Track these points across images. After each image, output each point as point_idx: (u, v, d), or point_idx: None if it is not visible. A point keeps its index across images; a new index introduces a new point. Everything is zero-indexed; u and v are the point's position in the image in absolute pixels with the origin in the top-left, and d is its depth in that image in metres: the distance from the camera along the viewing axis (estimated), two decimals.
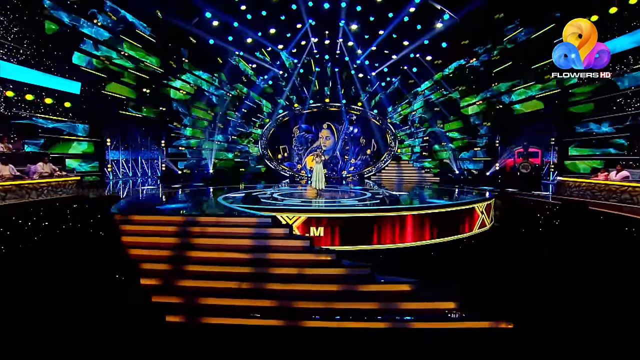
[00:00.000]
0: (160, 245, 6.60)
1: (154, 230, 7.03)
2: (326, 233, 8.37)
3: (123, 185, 14.77)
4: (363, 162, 20.29)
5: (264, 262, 6.28)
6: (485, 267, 7.40)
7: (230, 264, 6.15)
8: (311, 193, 12.25)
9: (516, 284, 6.42)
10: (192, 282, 5.78)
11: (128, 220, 7.32)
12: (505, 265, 7.39)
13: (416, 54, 17.23)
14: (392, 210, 8.62)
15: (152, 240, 6.78)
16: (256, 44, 16.86)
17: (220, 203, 9.25)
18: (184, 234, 6.85)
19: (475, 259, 7.97)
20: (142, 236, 6.90)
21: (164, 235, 6.82)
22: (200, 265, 6.16)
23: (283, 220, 8.26)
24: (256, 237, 6.80)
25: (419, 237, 8.91)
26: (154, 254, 6.43)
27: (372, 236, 8.51)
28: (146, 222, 7.32)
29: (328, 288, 5.69)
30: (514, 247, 8.60)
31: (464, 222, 9.79)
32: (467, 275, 6.88)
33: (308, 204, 9.86)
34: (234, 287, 5.77)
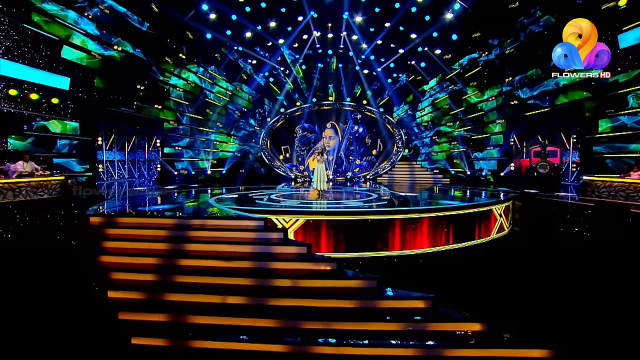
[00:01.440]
0: (138, 252, 5.76)
1: (132, 235, 6.20)
2: (327, 238, 7.48)
3: (115, 186, 14.04)
4: (369, 163, 19.37)
5: (253, 271, 5.41)
6: (509, 278, 6.44)
7: (213, 274, 5.28)
8: (312, 194, 11.38)
9: (550, 300, 5.46)
10: (171, 296, 4.92)
11: (113, 224, 6.51)
12: (534, 276, 6.42)
13: (424, 47, 16.32)
14: (401, 212, 7.70)
15: (128, 245, 5.95)
16: (255, 38, 16.09)
17: (212, 204, 8.41)
18: (160, 240, 6.01)
19: (497, 269, 6.99)
20: (122, 241, 6.09)
21: (140, 240, 5.99)
22: (180, 276, 5.31)
23: (279, 224, 7.39)
24: (246, 243, 5.93)
25: (430, 243, 7.97)
26: (128, 262, 5.60)
27: (378, 242, 7.60)
28: (125, 225, 6.50)
29: (328, 304, 4.80)
30: (540, 254, 7.61)
31: (480, 226, 8.84)
32: (489, 288, 5.93)
33: (307, 205, 8.99)
34: (218, 301, 4.90)
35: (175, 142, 16.38)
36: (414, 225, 7.79)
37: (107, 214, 6.87)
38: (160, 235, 6.13)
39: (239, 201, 8.62)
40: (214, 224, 6.45)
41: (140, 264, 5.49)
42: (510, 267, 6.98)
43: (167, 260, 5.56)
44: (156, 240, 5.99)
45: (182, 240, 6.02)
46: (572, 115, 12.90)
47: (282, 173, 19.16)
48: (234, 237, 6.14)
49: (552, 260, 7.18)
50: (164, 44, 15.19)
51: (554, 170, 13.84)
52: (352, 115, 19.16)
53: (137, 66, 14.28)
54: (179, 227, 6.27)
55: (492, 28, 14.84)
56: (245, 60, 17.45)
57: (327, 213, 7.64)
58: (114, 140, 16.52)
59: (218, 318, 4.55)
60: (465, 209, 8.54)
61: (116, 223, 6.54)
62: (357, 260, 7.38)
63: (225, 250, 5.85)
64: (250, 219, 6.54)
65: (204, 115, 17.05)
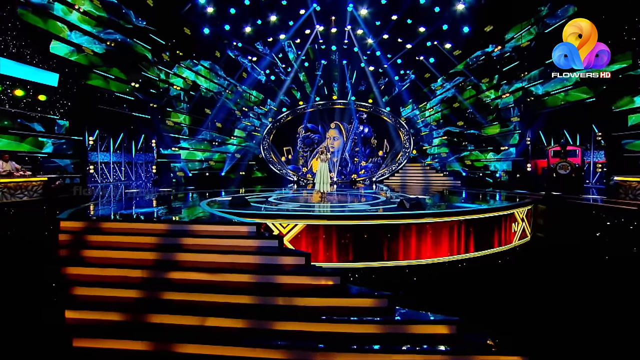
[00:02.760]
0: (106, 262, 4.94)
1: (102, 242, 5.39)
2: (329, 246, 6.61)
3: (110, 189, 13.32)
4: (375, 165, 18.47)
5: (240, 287, 4.55)
6: (543, 295, 5.50)
7: (191, 289, 4.44)
8: (314, 197, 10.53)
9: (597, 322, 4.53)
10: (141, 317, 4.09)
11: (90, 229, 5.72)
12: (572, 293, 5.48)
13: (434, 42, 15.43)
14: (413, 216, 6.81)
15: (98, 254, 5.14)
16: (255, 33, 15.35)
17: (202, 207, 7.59)
18: (134, 247, 5.18)
19: (526, 282, 6.05)
20: (93, 249, 5.29)
21: (107, 248, 5.17)
22: (156, 291, 4.47)
23: (275, 229, 6.55)
24: (235, 252, 5.08)
25: (446, 252, 7.06)
26: (96, 274, 4.78)
27: (388, 250, 6.71)
28: (97, 231, 5.69)
29: (329, 328, 3.92)
30: (575, 266, 6.64)
31: (501, 232, 7.90)
32: (519, 307, 5.00)
33: (308, 209, 8.13)
34: (195, 324, 4.06)
35: (172, 143, 15.66)
36: (428, 232, 6.90)
37: (81, 218, 6.08)
38: (133, 242, 5.31)
39: (233, 204, 7.80)
40: (198, 229, 5.62)
41: (107, 276, 4.67)
42: (542, 281, 6.04)
43: (140, 272, 4.73)
44: (128, 247, 5.17)
45: (161, 249, 5.19)
46: (596, 110, 11.90)
47: (283, 175, 18.35)
48: (221, 246, 5.30)
49: (591, 274, 6.22)
50: (160, 40, 14.53)
51: (575, 171, 12.87)
52: (357, 115, 18.32)
53: (131, 63, 13.62)
54: (154, 233, 5.44)
55: (506, 20, 13.93)
56: (244, 57, 16.72)
57: (329, 217, 6.78)
58: (109, 140, 15.87)
59: (193, 346, 3.70)
60: (485, 212, 7.63)
61: (89, 229, 5.74)
62: (363, 271, 6.50)
63: (209, 261, 5.00)
64: (241, 224, 5.70)
65: (202, 114, 16.32)
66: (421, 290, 5.64)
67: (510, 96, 14.54)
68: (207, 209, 7.22)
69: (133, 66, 13.70)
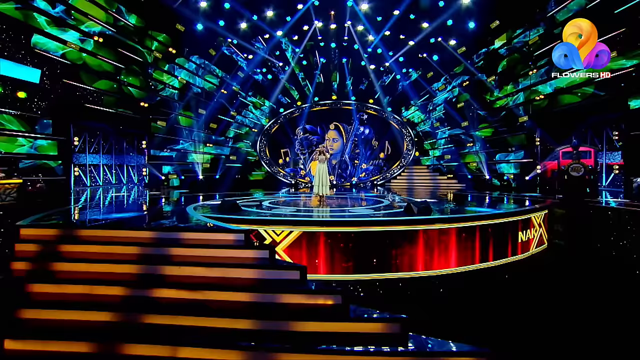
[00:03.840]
0: (60, 277, 4.19)
1: (61, 252, 4.64)
2: (328, 255, 5.87)
3: (100, 193, 12.56)
4: (376, 167, 17.76)
5: (223, 307, 3.80)
6: (571, 316, 4.76)
7: (165, 309, 3.68)
8: (312, 201, 9.80)
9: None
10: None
11: (69, 238, 4.98)
12: (605, 314, 4.74)
13: (438, 38, 14.78)
14: (425, 222, 6.07)
15: (56, 268, 4.39)
16: (251, 29, 14.69)
17: (187, 212, 6.84)
18: (95, 259, 4.43)
19: (554, 298, 5.30)
20: (54, 261, 4.54)
21: (76, 260, 4.42)
22: (124, 314, 3.72)
23: (267, 236, 5.81)
24: (218, 265, 4.34)
25: (459, 261, 6.32)
26: (50, 291, 4.03)
27: (394, 260, 5.97)
28: (61, 239, 4.94)
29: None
30: (605, 281, 5.90)
31: (517, 239, 7.17)
32: (552, 332, 4.26)
33: (305, 213, 7.40)
34: (166, 355, 3.31)
35: (164, 144, 14.94)
36: (442, 239, 6.16)
37: (44, 225, 5.33)
38: (97, 252, 4.57)
39: (222, 208, 7.06)
40: (178, 237, 4.88)
41: (60, 294, 3.92)
42: (571, 298, 5.29)
43: (96, 289, 3.98)
44: (93, 259, 4.42)
45: (124, 260, 4.43)
46: (611, 109, 11.23)
47: (281, 178, 17.62)
48: (202, 257, 4.55)
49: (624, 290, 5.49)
50: (152, 36, 13.88)
51: (589, 173, 12.17)
52: (358, 115, 17.64)
53: (120, 60, 12.95)
54: (119, 242, 4.70)
55: (514, 15, 13.31)
56: (240, 55, 16.05)
57: (328, 223, 6.03)
58: (99, 142, 15.14)
59: None
60: (500, 217, 6.89)
61: (58, 237, 4.99)
62: (367, 284, 5.75)
63: (187, 275, 4.26)
64: (227, 232, 4.96)
65: (196, 114, 15.61)
66: (436, 308, 4.89)
67: (518, 95, 13.88)
68: (192, 214, 6.48)
69: (122, 63, 13.03)
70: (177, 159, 15.38)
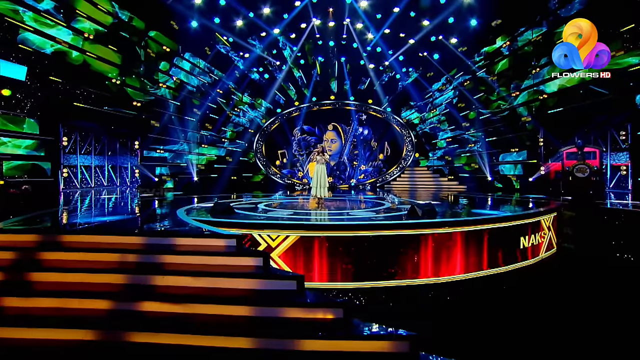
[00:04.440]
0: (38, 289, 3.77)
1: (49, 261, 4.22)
2: (327, 262, 5.47)
3: (81, 194, 12.11)
4: (375, 169, 17.39)
5: (210, 321, 3.39)
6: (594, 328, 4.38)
7: (149, 326, 3.27)
8: (310, 203, 9.40)
9: None
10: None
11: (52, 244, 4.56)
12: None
13: (439, 36, 14.45)
14: (431, 225, 5.69)
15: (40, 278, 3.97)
16: (247, 27, 14.30)
17: (177, 215, 6.42)
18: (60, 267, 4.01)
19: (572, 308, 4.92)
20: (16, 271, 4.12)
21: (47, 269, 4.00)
22: (104, 331, 3.30)
23: (262, 241, 5.41)
24: (205, 275, 3.93)
25: (466, 267, 5.93)
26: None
27: (398, 267, 5.58)
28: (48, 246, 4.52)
29: None
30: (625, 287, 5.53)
31: (527, 243, 6.80)
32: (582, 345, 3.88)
33: (302, 217, 7.00)
34: None
35: (157, 145, 14.50)
36: (449, 244, 5.78)
37: (22, 230, 4.91)
38: (77, 259, 4.15)
39: (215, 211, 6.65)
40: (164, 243, 4.47)
41: (37, 308, 3.49)
42: (592, 308, 4.91)
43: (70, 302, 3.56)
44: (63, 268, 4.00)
45: (101, 269, 4.01)
46: (617, 108, 10.92)
47: (278, 180, 17.22)
48: (191, 265, 4.15)
49: None
50: (145, 34, 13.47)
51: (594, 174, 11.85)
52: (357, 116, 17.28)
53: (112, 57, 12.52)
54: (99, 249, 4.28)
55: (516, 13, 13.01)
56: (236, 53, 15.66)
57: (327, 227, 5.63)
58: (92, 142, 14.69)
59: None
60: (509, 220, 6.52)
61: (28, 244, 4.57)
62: (369, 292, 5.35)
63: (173, 285, 3.85)
64: (218, 237, 4.55)
65: (190, 114, 15.19)
66: (445, 320, 4.49)
67: (520, 94, 13.56)
68: (182, 218, 6.06)
69: (114, 61, 12.60)
70: (170, 159, 14.95)
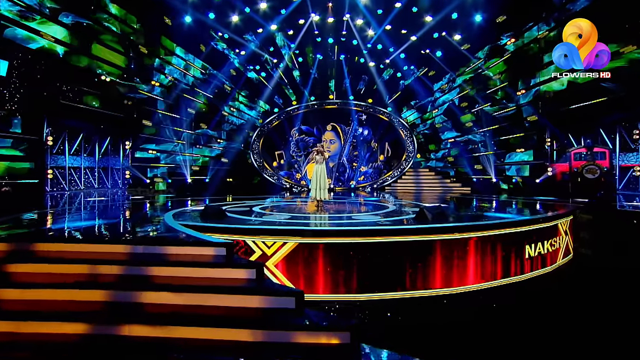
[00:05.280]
0: None
1: None
2: (329, 271, 4.92)
3: (65, 197, 11.51)
4: (375, 171, 16.88)
5: (197, 346, 2.84)
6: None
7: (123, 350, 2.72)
8: (309, 206, 8.84)
9: None
10: None
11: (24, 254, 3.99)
12: None
13: (442, 33, 13.97)
14: (441, 231, 5.16)
15: None
16: (243, 22, 13.77)
17: (164, 220, 5.86)
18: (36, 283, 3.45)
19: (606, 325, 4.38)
20: None
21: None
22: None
23: (256, 249, 4.86)
24: (190, 290, 3.38)
25: (488, 275, 5.42)
26: None
27: (408, 276, 5.04)
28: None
29: None
30: None
31: (544, 249, 6.29)
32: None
33: (301, 221, 6.46)
34: None
35: (149, 145, 13.93)
36: (460, 250, 5.25)
37: None
38: (42, 272, 3.59)
39: (205, 215, 6.10)
40: (146, 252, 3.91)
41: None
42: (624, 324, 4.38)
43: (23, 326, 2.99)
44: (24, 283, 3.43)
45: (60, 285, 3.44)
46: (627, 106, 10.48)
47: (274, 182, 16.68)
48: (174, 277, 3.60)
49: None
50: (136, 29, 12.93)
51: (604, 175, 11.40)
52: (356, 116, 16.78)
53: (102, 54, 11.96)
54: (67, 259, 3.72)
55: (522, 9, 12.58)
56: (231, 51, 15.12)
57: (329, 233, 5.08)
58: (81, 143, 14.07)
59: None
60: (526, 224, 6.01)
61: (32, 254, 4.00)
62: (377, 305, 4.81)
63: (153, 303, 3.30)
64: (206, 245, 4.00)
65: (184, 113, 14.62)
66: (463, 340, 3.95)
67: (527, 93, 13.10)
68: (169, 222, 5.50)
69: (104, 57, 12.04)
70: (163, 160, 14.37)
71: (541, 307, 4.93)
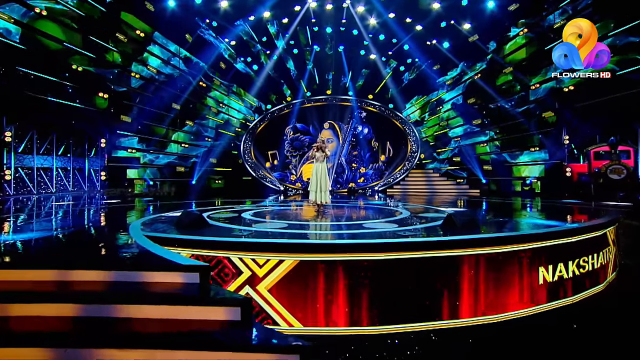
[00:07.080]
0: None
1: None
2: (341, 298, 3.74)
3: (22, 202, 10.14)
4: (376, 172, 15.82)
5: None
6: None
7: None
8: (308, 211, 7.64)
9: None
10: None
11: None
12: None
13: (450, 21, 12.95)
14: (485, 243, 4.02)
15: None
16: (233, 9, 12.60)
17: (130, 231, 4.61)
18: None
19: None
20: None
21: None
22: None
23: (243, 268, 3.67)
24: (140, 346, 2.16)
25: (542, 298, 4.30)
26: None
27: (443, 301, 3.88)
28: None
29: None
30: None
31: (595, 264, 5.20)
32: None
33: (300, 230, 5.26)
34: None
35: (127, 144, 12.61)
36: (501, 267, 4.13)
37: None
38: None
39: (181, 224, 4.86)
40: (82, 280, 2.69)
41: None
42: None
43: None
44: None
45: None
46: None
47: (267, 184, 15.52)
48: (126, 320, 2.38)
49: None
50: (114, 15, 11.67)
51: (630, 176, 10.48)
52: (356, 113, 15.71)
53: (74, 41, 10.68)
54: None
55: None
56: (219, 40, 13.92)
57: (342, 248, 3.88)
58: (53, 141, 12.68)
59: None
60: (574, 234, 4.91)
61: None
62: (396, 340, 3.64)
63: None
64: (172, 269, 2.79)
65: (167, 109, 13.35)
66: None
67: (542, 86, 12.15)
68: (133, 234, 4.27)
69: (76, 45, 10.76)
70: (143, 160, 13.06)
71: (613, 336, 3.82)
